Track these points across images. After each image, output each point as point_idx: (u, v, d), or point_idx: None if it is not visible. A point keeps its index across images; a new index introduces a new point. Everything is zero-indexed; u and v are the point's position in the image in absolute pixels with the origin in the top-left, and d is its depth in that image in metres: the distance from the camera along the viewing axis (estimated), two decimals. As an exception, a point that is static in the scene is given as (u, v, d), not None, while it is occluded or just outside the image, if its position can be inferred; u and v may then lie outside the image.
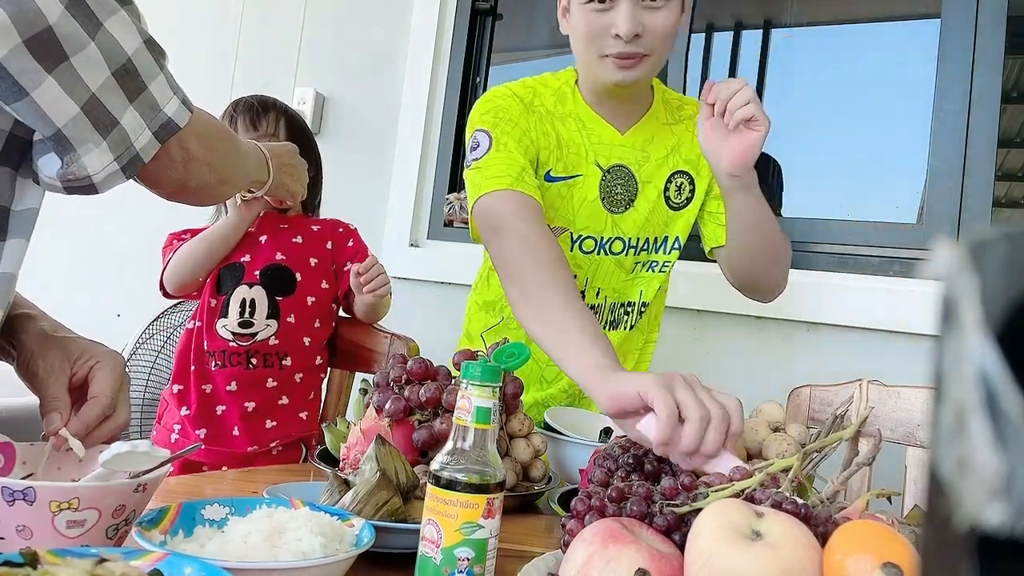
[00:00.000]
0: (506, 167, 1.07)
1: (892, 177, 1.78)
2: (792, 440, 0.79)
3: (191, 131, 0.75)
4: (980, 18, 1.51)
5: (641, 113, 1.20)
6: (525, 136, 1.13)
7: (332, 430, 0.97)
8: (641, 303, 1.25)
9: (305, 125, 1.46)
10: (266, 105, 1.38)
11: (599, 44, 1.08)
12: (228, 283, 1.32)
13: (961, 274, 0.14)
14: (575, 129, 1.17)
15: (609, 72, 1.10)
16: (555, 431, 1.01)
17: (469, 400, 0.60)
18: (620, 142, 1.18)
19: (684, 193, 1.22)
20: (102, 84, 0.68)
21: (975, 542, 0.13)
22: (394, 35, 2.11)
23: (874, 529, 0.46)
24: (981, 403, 0.13)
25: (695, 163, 1.22)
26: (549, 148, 1.16)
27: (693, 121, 1.20)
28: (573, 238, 1.18)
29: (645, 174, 1.19)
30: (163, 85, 0.73)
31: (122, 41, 0.69)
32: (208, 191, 0.84)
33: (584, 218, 1.17)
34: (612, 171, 1.18)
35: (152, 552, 0.52)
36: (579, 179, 1.17)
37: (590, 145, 1.17)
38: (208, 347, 1.31)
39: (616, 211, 1.19)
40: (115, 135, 0.70)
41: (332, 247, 1.39)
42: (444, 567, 0.58)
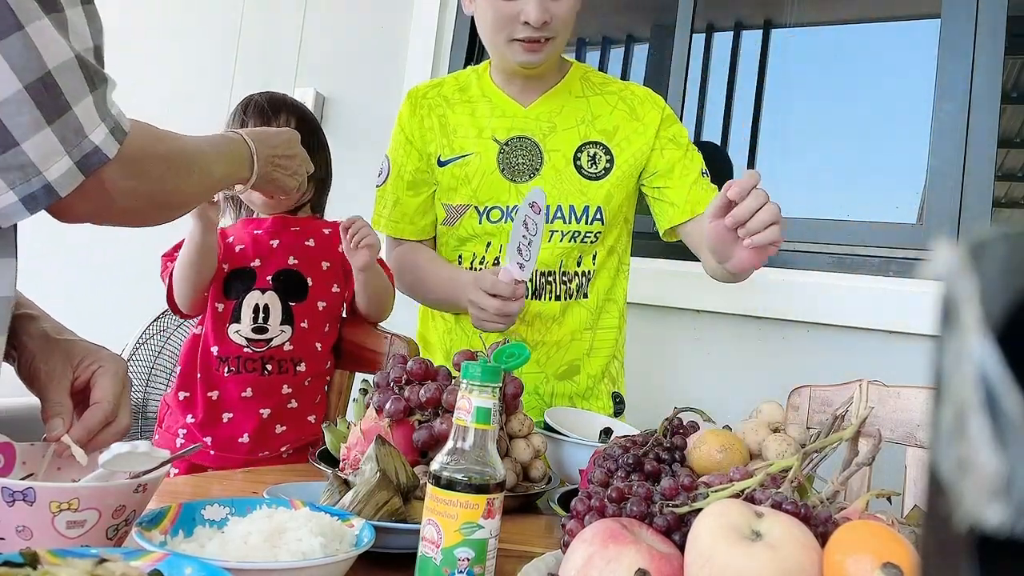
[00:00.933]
0: (396, 209, 1.32)
1: (892, 177, 1.78)
2: (792, 440, 0.79)
3: (119, 160, 0.66)
4: (980, 18, 1.51)
5: (549, 87, 1.28)
6: (408, 145, 1.29)
7: (332, 430, 0.97)
8: (577, 274, 1.27)
9: (317, 125, 1.43)
10: (276, 107, 1.35)
11: (508, 30, 1.16)
12: (238, 288, 1.30)
13: (961, 274, 0.14)
14: (469, 112, 1.27)
15: (517, 54, 1.18)
16: (555, 431, 1.01)
17: (469, 400, 0.60)
18: (523, 115, 1.26)
19: (600, 163, 1.26)
20: (7, 97, 0.58)
21: (975, 542, 0.13)
22: (394, 35, 2.11)
23: (874, 529, 0.46)
24: (981, 403, 0.13)
25: (610, 134, 1.27)
26: (435, 139, 1.28)
27: (619, 96, 1.29)
28: (480, 211, 1.26)
29: (551, 143, 1.25)
30: (91, 109, 0.64)
31: (44, 52, 0.60)
32: (139, 218, 0.77)
33: (486, 189, 1.25)
34: (512, 143, 1.25)
35: (152, 552, 0.52)
36: (470, 157, 1.25)
37: (487, 123, 1.26)
38: (219, 352, 1.29)
39: (519, 180, 1.25)
40: (8, 160, 0.60)
41: (343, 250, 1.38)
42: (444, 567, 0.58)
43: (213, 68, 2.28)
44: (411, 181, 1.30)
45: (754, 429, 0.81)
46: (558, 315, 1.26)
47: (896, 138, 1.78)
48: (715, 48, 1.98)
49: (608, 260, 1.30)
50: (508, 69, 1.24)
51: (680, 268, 1.69)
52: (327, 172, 1.42)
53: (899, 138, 1.77)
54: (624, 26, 2.13)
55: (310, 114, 1.42)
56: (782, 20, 1.95)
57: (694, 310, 1.65)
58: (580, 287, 1.28)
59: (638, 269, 1.73)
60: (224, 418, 1.28)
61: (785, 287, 1.58)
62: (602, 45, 2.16)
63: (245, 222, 1.38)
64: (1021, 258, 0.13)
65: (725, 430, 0.83)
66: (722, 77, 1.96)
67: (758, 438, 0.80)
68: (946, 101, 1.53)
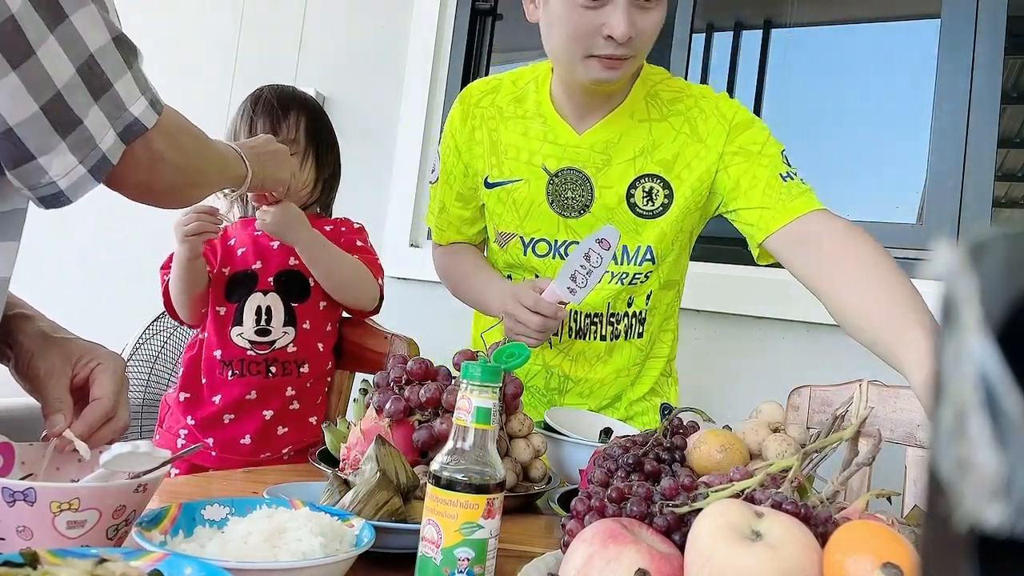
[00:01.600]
0: (442, 215, 1.28)
1: (892, 177, 1.78)
2: (792, 440, 0.79)
3: (159, 132, 0.72)
4: (980, 18, 1.51)
5: (609, 110, 1.13)
6: (456, 155, 1.22)
7: (332, 430, 0.97)
8: (627, 315, 1.18)
9: (328, 120, 1.41)
10: (286, 104, 1.32)
11: (587, 44, 1.02)
12: (239, 291, 1.29)
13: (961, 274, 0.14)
14: (522, 131, 1.16)
15: (593, 71, 1.04)
16: (555, 431, 1.01)
17: (469, 400, 0.60)
18: (576, 143, 1.14)
19: (658, 199, 1.14)
20: (68, 82, 0.65)
21: (975, 542, 0.13)
22: (394, 35, 2.11)
23: (874, 529, 0.46)
24: (981, 403, 0.13)
25: (669, 164, 1.13)
26: (484, 156, 1.18)
27: (685, 116, 1.13)
28: (524, 242, 1.18)
29: (603, 179, 1.14)
30: (130, 84, 0.70)
31: (87, 36, 0.66)
32: (176, 194, 0.81)
33: (534, 221, 1.16)
34: (562, 174, 1.14)
35: (152, 552, 0.52)
36: (519, 184, 1.16)
37: (539, 147, 1.15)
38: (223, 356, 1.28)
39: (568, 215, 1.15)
40: (76, 136, 0.66)
41: (339, 244, 1.37)
42: (444, 567, 0.58)
43: (213, 67, 2.28)
44: (459, 193, 1.23)
45: (754, 429, 0.81)
46: (603, 354, 1.20)
47: (896, 138, 1.78)
48: (715, 48, 1.98)
49: (663, 295, 1.21)
50: (573, 85, 1.10)
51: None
52: (336, 170, 1.41)
53: (899, 138, 1.77)
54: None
55: (320, 108, 1.40)
56: (782, 20, 1.95)
57: (693, 310, 1.65)
58: (631, 328, 1.19)
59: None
60: (225, 419, 1.28)
61: (785, 287, 1.58)
62: (602, 45, 2.16)
63: (245, 223, 1.37)
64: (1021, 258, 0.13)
65: (725, 430, 0.83)
66: (722, 77, 1.96)
67: (758, 438, 0.80)
68: (946, 101, 1.53)
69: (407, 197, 2.04)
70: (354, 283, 1.30)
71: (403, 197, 2.04)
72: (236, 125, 1.32)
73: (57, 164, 0.66)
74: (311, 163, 1.34)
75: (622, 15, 0.98)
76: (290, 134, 1.30)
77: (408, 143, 2.06)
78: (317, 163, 1.35)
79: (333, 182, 1.41)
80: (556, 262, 1.16)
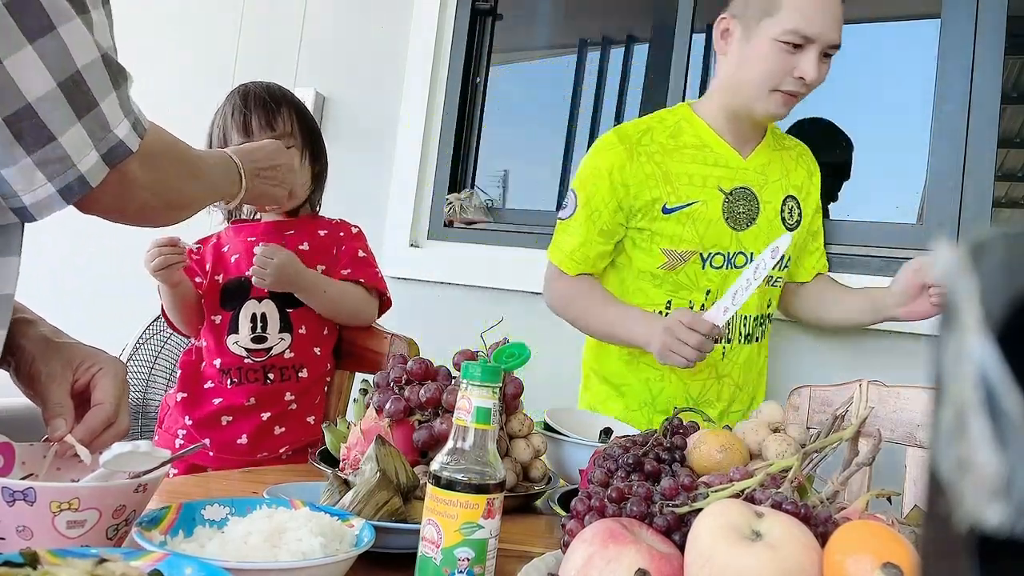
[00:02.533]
0: (579, 250, 1.34)
1: (892, 177, 1.78)
2: (792, 440, 0.78)
3: (136, 155, 0.70)
4: (980, 18, 1.51)
5: (759, 139, 1.37)
6: (612, 192, 1.31)
7: (332, 430, 0.97)
8: (766, 316, 1.39)
9: (314, 120, 1.41)
10: (277, 100, 1.31)
11: (777, 80, 1.24)
12: (234, 298, 1.28)
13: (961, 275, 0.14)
14: (689, 160, 1.33)
15: (774, 106, 1.26)
16: (555, 431, 1.01)
17: (469, 400, 0.60)
18: (743, 166, 1.34)
19: (795, 215, 1.39)
20: (43, 96, 0.62)
21: (975, 542, 0.13)
22: (394, 35, 2.11)
23: (874, 529, 0.46)
24: (981, 403, 0.13)
25: (800, 188, 1.40)
26: (657, 187, 1.31)
27: (791, 153, 1.42)
28: (704, 257, 1.32)
29: (765, 195, 1.35)
30: (115, 104, 0.68)
31: (74, 51, 0.63)
32: (152, 216, 0.79)
33: (712, 237, 1.32)
34: (735, 193, 1.33)
35: (152, 552, 0.52)
36: (696, 205, 1.32)
37: (711, 171, 1.33)
38: (221, 365, 1.27)
39: (739, 228, 1.33)
40: (46, 153, 0.63)
41: (337, 253, 1.35)
42: (444, 567, 0.58)
43: (213, 68, 2.28)
44: (603, 228, 1.33)
45: (754, 429, 0.81)
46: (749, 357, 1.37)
47: (896, 138, 1.78)
48: (715, 48, 1.97)
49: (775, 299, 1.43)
50: (744, 115, 1.31)
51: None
52: (325, 167, 1.39)
53: (899, 138, 1.77)
54: (625, 26, 2.13)
55: (306, 108, 1.40)
56: (782, 20, 1.95)
57: (694, 310, 1.65)
58: (764, 329, 1.40)
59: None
60: (223, 421, 1.28)
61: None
62: (602, 45, 2.16)
63: (238, 228, 1.36)
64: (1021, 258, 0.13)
65: (725, 430, 0.83)
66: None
67: (758, 438, 0.80)
68: (946, 101, 1.53)
69: (407, 197, 2.04)
70: (353, 312, 1.32)
71: (403, 197, 2.04)
72: (226, 121, 1.29)
73: (21, 179, 0.63)
74: (308, 160, 1.33)
75: (814, 61, 1.21)
76: (286, 128, 1.29)
77: (408, 143, 2.06)
78: (312, 159, 1.34)
79: (322, 179, 1.40)
80: (727, 271, 1.32)
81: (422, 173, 2.04)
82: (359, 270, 1.33)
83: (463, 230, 2.00)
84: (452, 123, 2.04)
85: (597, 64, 2.13)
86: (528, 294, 1.82)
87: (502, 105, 2.13)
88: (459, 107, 2.05)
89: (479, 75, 2.10)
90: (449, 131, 2.04)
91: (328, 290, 1.27)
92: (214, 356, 1.28)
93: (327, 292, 1.27)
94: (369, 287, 1.33)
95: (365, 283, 1.32)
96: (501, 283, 1.85)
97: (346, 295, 1.29)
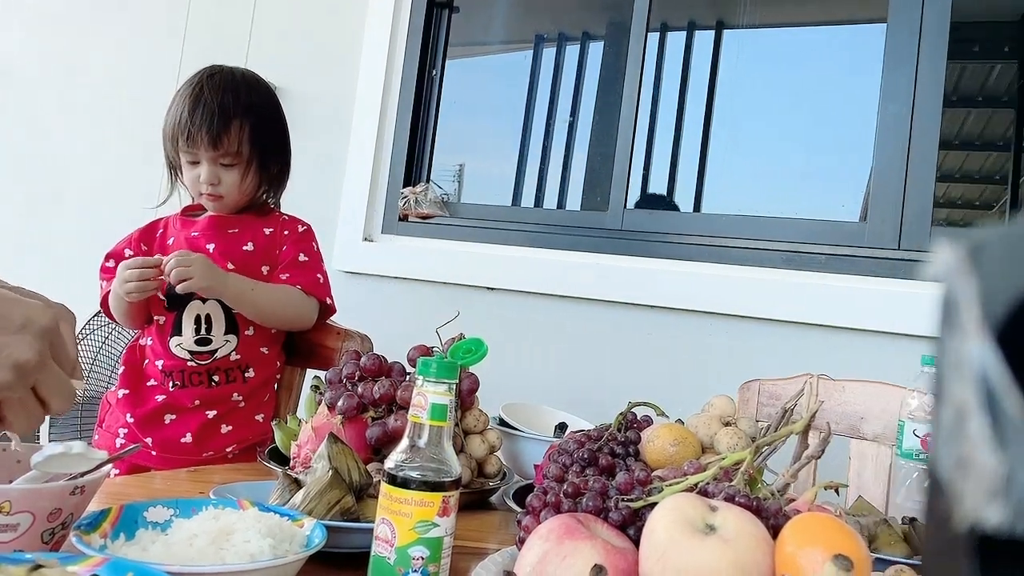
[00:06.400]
0: None
1: (837, 177, 1.83)
2: (743, 434, 0.80)
3: None
4: (924, 24, 1.56)
5: None
6: None
7: (282, 428, 0.95)
8: None
9: (276, 114, 1.33)
10: (228, 113, 1.23)
11: None
12: (177, 298, 1.22)
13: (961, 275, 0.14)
14: None
15: None
16: (510, 427, 1.01)
17: (425, 397, 0.59)
18: None
19: None
20: None
21: (975, 542, 0.13)
22: (349, 26, 2.07)
23: (824, 522, 0.47)
24: (981, 403, 0.13)
25: None
26: None
27: None
28: None
29: None
30: None
31: None
32: None
33: None
34: None
35: (91, 557, 0.50)
36: None
37: None
38: (164, 367, 1.22)
39: None
40: None
41: (279, 254, 1.30)
42: (398, 567, 0.57)
43: (159, 56, 2.20)
44: None
45: (706, 423, 0.83)
46: None
47: (842, 138, 1.82)
48: (668, 47, 2.00)
49: None
50: None
51: (631, 264, 1.71)
52: (285, 167, 1.34)
53: (845, 139, 1.81)
54: (580, 23, 2.14)
55: (268, 102, 1.32)
56: (734, 21, 1.98)
57: (645, 305, 1.67)
58: None
59: (587, 265, 1.74)
60: (167, 419, 1.23)
61: (735, 283, 1.61)
62: (558, 42, 2.16)
63: (183, 222, 1.31)
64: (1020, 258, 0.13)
65: (678, 424, 0.84)
66: (675, 76, 1.98)
67: (710, 431, 0.82)
68: (891, 104, 1.58)
69: (361, 191, 2.01)
70: (288, 319, 1.26)
71: (357, 191, 2.01)
72: (176, 121, 1.23)
73: None
74: (253, 171, 1.27)
75: None
76: (231, 147, 1.23)
77: (362, 136, 2.03)
78: (261, 168, 1.29)
79: (282, 178, 1.35)
80: None
81: (376, 166, 2.01)
82: (298, 275, 1.28)
83: (418, 224, 1.98)
84: (407, 116, 2.02)
85: (553, 60, 2.14)
86: (484, 289, 1.81)
87: (458, 99, 2.12)
88: (415, 100, 2.02)
89: (435, 68, 2.08)
90: (404, 124, 2.02)
91: (256, 293, 1.21)
92: (157, 357, 1.24)
93: (255, 294, 1.21)
94: (308, 293, 1.27)
95: (303, 289, 1.26)
96: (457, 278, 1.83)
97: (275, 300, 1.23)
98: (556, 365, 1.74)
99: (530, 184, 2.09)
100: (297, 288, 1.26)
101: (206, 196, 1.27)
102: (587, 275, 1.72)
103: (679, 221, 1.79)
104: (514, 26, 2.26)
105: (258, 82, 1.34)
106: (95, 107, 2.30)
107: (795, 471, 0.62)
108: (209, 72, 1.29)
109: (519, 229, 1.86)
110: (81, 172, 2.32)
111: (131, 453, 1.02)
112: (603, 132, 1.94)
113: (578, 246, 1.78)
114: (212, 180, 1.24)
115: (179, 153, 1.25)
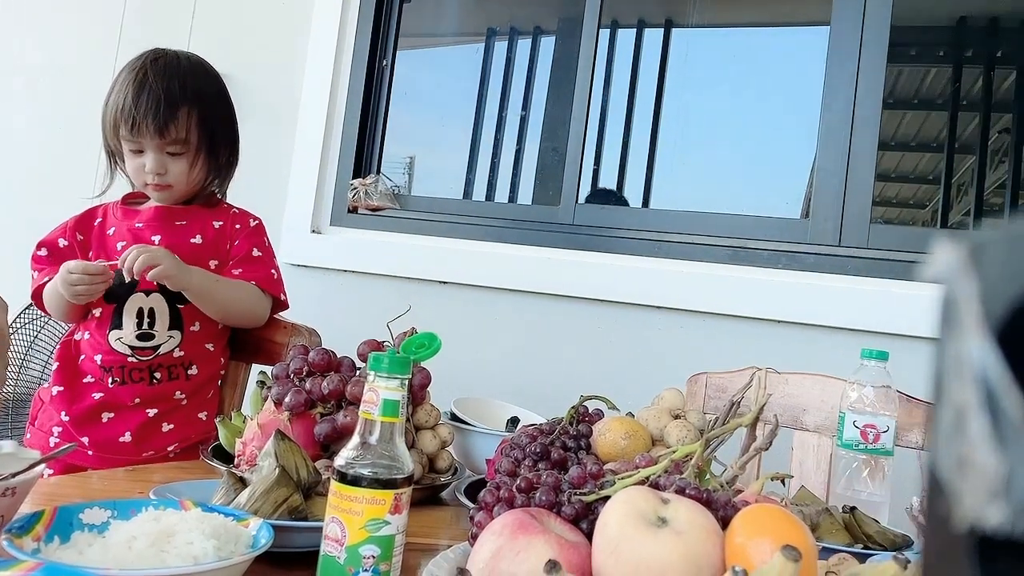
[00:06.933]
0: None
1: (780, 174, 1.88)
2: (692, 426, 0.81)
3: None
4: (866, 27, 1.60)
5: None
6: None
7: (226, 425, 0.93)
8: None
9: (223, 101, 1.29)
10: (175, 101, 1.18)
11: None
12: (118, 289, 1.17)
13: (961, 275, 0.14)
14: None
15: None
16: (461, 421, 1.01)
17: (376, 393, 0.58)
18: None
19: None
20: None
21: (975, 542, 0.13)
22: (297, 11, 2.02)
23: (772, 513, 0.48)
24: (981, 403, 0.13)
25: None
26: None
27: None
28: None
29: None
30: None
31: None
32: None
33: None
34: None
35: (24, 562, 0.48)
36: None
37: None
38: (103, 362, 1.17)
39: None
40: None
41: (230, 248, 1.26)
42: (348, 566, 0.56)
43: (94, 40, 2.11)
44: None
45: (656, 416, 0.84)
46: None
47: (786, 137, 1.87)
48: (619, 44, 2.01)
49: None
50: None
51: (582, 259, 1.72)
52: (233, 155, 1.30)
53: (788, 137, 1.86)
54: (532, 18, 2.14)
55: (214, 87, 1.27)
56: (683, 20, 2.01)
57: (596, 299, 1.68)
58: None
59: (538, 259, 1.74)
60: (104, 417, 1.18)
61: (683, 278, 1.64)
62: (510, 36, 2.15)
63: (124, 211, 1.26)
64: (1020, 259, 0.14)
65: (629, 417, 0.85)
66: (625, 73, 2.00)
67: (660, 424, 0.83)
68: (833, 104, 1.63)
69: (308, 182, 1.97)
70: (243, 315, 1.24)
71: (304, 182, 1.97)
72: (119, 109, 1.18)
73: None
74: (202, 160, 1.24)
75: None
76: (179, 135, 1.19)
77: (310, 125, 1.98)
78: (209, 156, 1.25)
79: (229, 169, 1.30)
80: None
81: (325, 157, 1.97)
82: (251, 271, 1.24)
83: (368, 216, 1.95)
84: (357, 106, 1.99)
85: (505, 54, 2.13)
86: (435, 283, 1.80)
87: (409, 90, 2.09)
88: (364, 90, 1.99)
89: (385, 58, 2.05)
90: (354, 114, 1.99)
91: (218, 287, 1.19)
92: (95, 351, 1.18)
93: (216, 288, 1.18)
94: (263, 289, 1.24)
95: (258, 285, 1.24)
96: (407, 271, 1.82)
97: (234, 295, 1.20)
98: (508, 359, 1.74)
99: (482, 177, 2.08)
100: (252, 284, 1.23)
101: (152, 186, 1.22)
102: (539, 269, 1.73)
103: (629, 216, 1.81)
104: (466, 18, 2.25)
105: (205, 67, 1.30)
106: (28, 93, 2.20)
107: (743, 463, 0.63)
108: (153, 56, 1.23)
109: (471, 223, 1.86)
110: (13, 159, 2.21)
111: (66, 453, 0.97)
112: (555, 127, 1.95)
113: (530, 240, 1.78)
114: (158, 170, 1.19)
115: (121, 141, 1.20)
